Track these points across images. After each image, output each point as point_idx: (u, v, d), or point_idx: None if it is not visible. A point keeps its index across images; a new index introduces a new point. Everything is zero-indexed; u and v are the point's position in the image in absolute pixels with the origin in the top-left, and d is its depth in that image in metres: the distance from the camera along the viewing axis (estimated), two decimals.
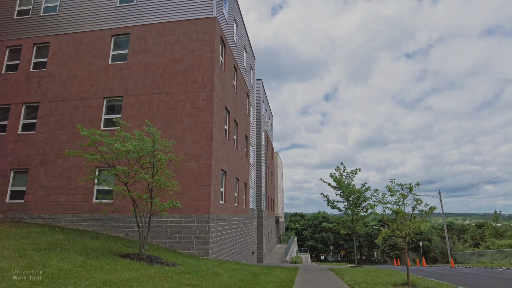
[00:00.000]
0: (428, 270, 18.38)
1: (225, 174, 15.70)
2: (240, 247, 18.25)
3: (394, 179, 9.12)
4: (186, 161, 13.42)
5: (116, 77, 15.13)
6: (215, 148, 13.74)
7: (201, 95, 14.07)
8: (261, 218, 28.25)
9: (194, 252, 12.59)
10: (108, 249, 8.84)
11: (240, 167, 19.19)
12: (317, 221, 75.68)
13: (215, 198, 13.55)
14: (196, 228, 12.76)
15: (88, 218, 13.71)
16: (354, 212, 17.26)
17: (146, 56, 15.14)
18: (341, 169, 18.20)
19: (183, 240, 12.77)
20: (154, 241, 12.99)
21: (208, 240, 12.58)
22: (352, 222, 17.41)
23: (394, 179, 9.14)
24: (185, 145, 13.61)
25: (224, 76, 16.11)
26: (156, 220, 13.11)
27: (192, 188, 13.10)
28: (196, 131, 13.67)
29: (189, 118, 13.89)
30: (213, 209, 13.19)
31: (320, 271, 14.66)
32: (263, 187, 29.99)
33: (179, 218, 12.96)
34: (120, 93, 14.88)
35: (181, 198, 13.04)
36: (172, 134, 13.83)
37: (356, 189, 17.37)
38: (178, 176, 13.28)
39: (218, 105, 14.67)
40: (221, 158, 14.80)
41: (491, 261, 30.98)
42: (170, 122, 14.00)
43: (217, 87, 14.49)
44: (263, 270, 11.44)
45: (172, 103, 14.24)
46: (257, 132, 29.26)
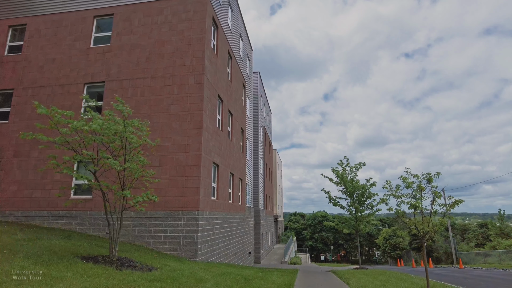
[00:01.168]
0: (437, 272, 17.08)
1: (217, 168, 14.35)
2: (235, 247, 16.91)
3: (409, 168, 7.80)
4: (172, 152, 12.08)
5: (98, 61, 13.78)
6: (205, 138, 12.40)
7: (190, 79, 12.72)
8: (259, 217, 26.92)
9: (181, 253, 11.24)
10: (73, 250, 7.50)
11: (235, 162, 17.85)
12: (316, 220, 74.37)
13: (205, 193, 12.21)
14: (184, 227, 11.41)
15: (64, 216, 12.37)
16: (358, 210, 15.91)
17: (130, 38, 13.79)
18: (344, 163, 16.84)
19: (169, 240, 11.43)
20: (137, 241, 11.64)
21: (196, 240, 11.24)
22: (356, 221, 16.06)
23: (409, 169, 7.81)
24: (171, 134, 12.26)
25: (217, 61, 14.77)
26: (139, 218, 11.77)
27: (179, 182, 11.76)
28: (184, 119, 12.32)
29: (177, 104, 12.54)
30: (203, 206, 11.85)
31: (321, 274, 13.34)
32: (260, 184, 28.65)
33: (164, 216, 11.61)
34: (102, 78, 13.53)
35: (166, 193, 11.73)
36: (158, 122, 12.49)
37: (361, 184, 16.03)
38: (164, 168, 11.95)
39: (210, 91, 13.32)
40: (213, 150, 13.46)
41: (498, 261, 29.69)
42: (156, 109, 12.65)
43: (208, 71, 13.15)
44: (257, 274, 10.10)
45: (157, 88, 12.90)
46: (254, 127, 27.92)
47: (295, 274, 12.21)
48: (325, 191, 16.74)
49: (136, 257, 8.71)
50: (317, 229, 73.32)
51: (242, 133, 20.99)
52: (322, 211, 79.16)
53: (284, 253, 28.66)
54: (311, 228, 74.09)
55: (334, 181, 16.69)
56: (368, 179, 16.21)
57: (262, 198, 29.42)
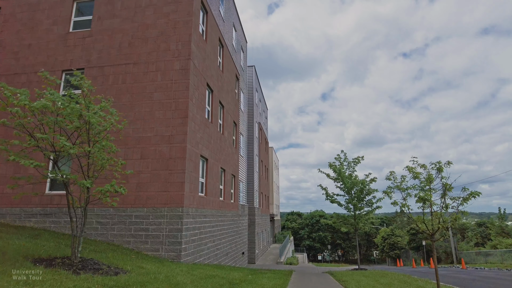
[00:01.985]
0: (441, 273, 16.17)
1: (206, 162, 13.37)
2: (226, 247, 15.94)
3: (416, 157, 6.84)
4: (155, 143, 11.09)
5: (78, 46, 12.76)
6: (191, 128, 11.41)
7: (175, 64, 11.73)
8: (254, 216, 25.96)
9: (163, 254, 10.26)
10: (32, 252, 6.49)
11: (227, 156, 16.87)
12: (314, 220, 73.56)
13: (192, 188, 11.23)
14: (167, 225, 10.42)
15: (38, 213, 11.35)
16: (357, 207, 14.97)
17: (113, 22, 12.79)
18: (341, 157, 15.89)
19: (151, 240, 10.44)
20: (116, 240, 10.65)
21: (180, 240, 10.25)
22: (354, 218, 15.11)
23: (416, 158, 6.86)
24: (154, 124, 11.27)
25: (206, 47, 13.78)
26: (118, 215, 10.78)
27: (162, 176, 10.77)
28: (168, 108, 11.33)
29: (160, 92, 11.55)
30: (188, 202, 10.87)
31: (318, 275, 12.40)
32: (256, 182, 27.68)
33: (145, 213, 10.62)
34: (82, 64, 12.51)
35: (148, 188, 10.75)
36: (139, 111, 11.50)
37: (359, 180, 15.09)
38: (146, 161, 10.97)
39: (197, 79, 12.34)
40: (201, 142, 12.48)
41: (500, 261, 28.89)
42: (138, 98, 11.66)
43: (195, 56, 12.17)
44: (246, 277, 9.14)
45: (140, 75, 11.90)
46: (248, 122, 26.94)
47: (289, 276, 11.26)
48: (322, 187, 15.78)
49: (109, 258, 7.73)
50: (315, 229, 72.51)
51: (235, 127, 20.01)
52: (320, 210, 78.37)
53: (280, 253, 27.71)
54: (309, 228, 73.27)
55: (332, 177, 15.74)
56: (367, 174, 15.28)
57: (257, 196, 28.46)
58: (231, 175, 17.97)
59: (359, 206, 15.01)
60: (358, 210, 15.05)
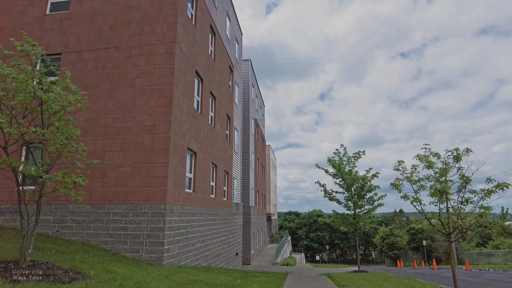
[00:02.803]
0: (446, 275, 15.22)
1: (194, 156, 12.37)
2: (218, 248, 14.95)
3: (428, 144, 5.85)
4: (136, 134, 10.08)
5: (55, 30, 11.73)
6: (176, 118, 10.41)
7: (160, 48, 10.72)
8: (249, 215, 24.96)
9: (143, 255, 9.25)
10: None
11: (219, 151, 15.87)
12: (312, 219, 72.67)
13: (177, 184, 10.23)
14: (147, 224, 9.42)
15: (8, 211, 10.31)
16: (357, 205, 13.99)
17: (93, 3, 11.76)
18: (341, 152, 14.90)
19: (130, 240, 9.43)
20: (93, 240, 9.63)
21: (162, 240, 9.25)
22: (354, 217, 14.13)
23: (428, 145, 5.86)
24: (135, 113, 10.26)
25: (195, 33, 12.77)
26: (95, 213, 9.77)
27: (143, 169, 9.76)
28: (150, 95, 10.32)
29: (143, 78, 10.54)
30: (172, 198, 9.86)
31: (315, 279, 11.42)
32: (251, 179, 26.69)
33: (125, 210, 9.61)
34: (59, 49, 11.48)
35: (128, 183, 9.74)
36: (120, 99, 10.49)
37: (360, 176, 14.11)
38: (125, 154, 9.96)
39: (184, 64, 11.34)
40: (188, 134, 11.48)
41: (504, 262, 28.02)
42: (119, 84, 10.64)
43: (181, 40, 11.16)
44: (235, 282, 8.15)
45: (122, 60, 10.89)
46: (244, 117, 25.94)
47: (284, 280, 10.28)
48: (320, 183, 14.79)
49: (75, 261, 6.72)
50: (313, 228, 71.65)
51: (229, 121, 19.01)
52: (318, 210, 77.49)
53: (276, 253, 26.73)
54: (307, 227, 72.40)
55: (330, 173, 14.76)
56: (368, 169, 14.29)
57: (253, 195, 27.47)
58: (223, 172, 16.97)
59: (360, 204, 14.04)
60: (358, 208, 14.08)
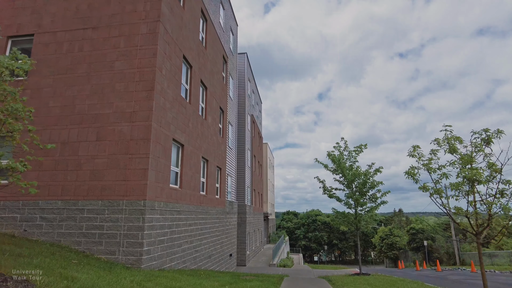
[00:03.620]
0: (454, 279, 14.24)
1: (182, 148, 11.34)
2: (209, 249, 13.92)
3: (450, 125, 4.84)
4: (114, 122, 9.04)
5: (27, 9, 10.68)
6: (159, 104, 9.38)
7: (142, 28, 9.69)
8: (244, 214, 23.93)
9: (120, 258, 8.22)
10: None
11: (210, 146, 14.84)
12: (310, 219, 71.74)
13: (159, 178, 9.20)
14: (125, 222, 8.38)
15: None
16: (359, 202, 12.99)
17: None
18: (341, 146, 13.89)
19: (105, 240, 8.39)
20: (64, 240, 8.59)
21: (142, 240, 8.22)
22: (355, 216, 13.12)
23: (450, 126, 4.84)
24: (114, 99, 9.22)
25: (183, 15, 11.74)
26: (67, 210, 8.72)
27: (121, 161, 8.73)
28: (130, 79, 9.29)
29: (123, 60, 9.50)
30: (154, 194, 8.83)
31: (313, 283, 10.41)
32: (247, 177, 25.67)
33: (100, 207, 8.57)
34: (31, 30, 10.44)
35: (104, 177, 8.71)
36: (98, 84, 9.45)
37: (362, 171, 13.10)
38: (102, 144, 8.92)
39: (170, 47, 10.31)
40: (174, 124, 10.45)
41: (508, 263, 27.12)
42: (96, 68, 9.60)
43: (166, 20, 10.13)
44: None
45: (100, 41, 9.84)
46: (239, 112, 24.91)
47: (279, 284, 9.27)
48: (319, 179, 13.78)
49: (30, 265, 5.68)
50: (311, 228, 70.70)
51: (223, 114, 17.98)
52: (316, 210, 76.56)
53: (273, 254, 25.72)
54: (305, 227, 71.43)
55: (330, 168, 13.74)
56: (370, 164, 13.28)
57: (249, 193, 26.45)
58: (216, 167, 15.94)
59: (362, 202, 13.03)
60: (360, 206, 13.07)
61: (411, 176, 5.29)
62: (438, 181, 4.92)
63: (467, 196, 4.74)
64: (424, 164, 5.15)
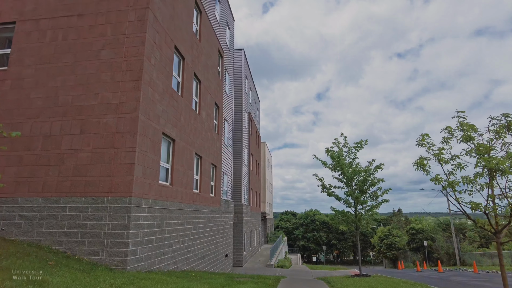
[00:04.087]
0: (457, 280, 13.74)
1: (173, 143, 10.79)
2: (203, 249, 13.37)
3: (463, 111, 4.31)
4: (99, 114, 8.49)
5: None
6: (147, 95, 8.83)
7: (130, 15, 9.14)
8: (241, 213, 23.40)
9: (104, 258, 7.66)
10: None
11: (204, 142, 14.30)
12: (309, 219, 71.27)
13: (147, 173, 8.65)
14: (109, 220, 7.83)
15: None
16: (359, 201, 12.47)
17: None
18: (340, 142, 13.37)
19: (88, 239, 7.83)
20: (44, 240, 8.03)
21: (127, 240, 7.67)
22: (355, 215, 12.61)
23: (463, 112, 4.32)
24: (99, 89, 8.67)
25: (175, 4, 11.20)
26: (48, 207, 8.17)
27: (105, 156, 8.18)
28: (117, 68, 8.74)
29: (109, 49, 8.95)
30: (141, 190, 8.29)
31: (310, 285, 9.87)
32: (244, 176, 25.13)
33: (83, 204, 8.02)
34: (13, 17, 9.87)
35: (88, 172, 8.15)
36: (83, 74, 8.89)
37: (362, 168, 12.59)
38: (86, 137, 8.36)
39: (160, 36, 9.76)
40: (164, 117, 9.90)
41: (510, 263, 26.68)
42: (82, 57, 9.04)
43: (156, 7, 9.59)
44: None
45: (86, 29, 9.29)
46: (236, 109, 24.38)
47: (274, 287, 8.72)
48: (318, 177, 13.24)
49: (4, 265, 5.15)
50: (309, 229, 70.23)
51: (218, 110, 17.44)
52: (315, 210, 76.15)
53: (270, 255, 25.18)
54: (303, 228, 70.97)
55: (328, 165, 13.22)
56: (371, 161, 12.77)
57: (246, 192, 25.92)
58: (211, 164, 15.39)
59: (362, 200, 12.51)
60: (360, 205, 12.56)
61: (420, 167, 4.75)
62: (452, 172, 4.41)
63: (485, 189, 4.22)
64: (435, 154, 4.62)
